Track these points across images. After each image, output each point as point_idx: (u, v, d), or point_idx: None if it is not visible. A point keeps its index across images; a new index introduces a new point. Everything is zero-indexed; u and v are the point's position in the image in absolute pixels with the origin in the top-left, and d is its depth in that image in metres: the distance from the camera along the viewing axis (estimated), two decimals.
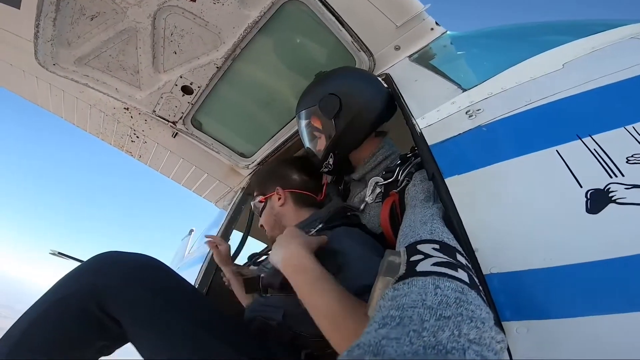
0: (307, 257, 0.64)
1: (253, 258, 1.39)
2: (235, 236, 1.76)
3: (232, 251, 1.70)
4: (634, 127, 0.58)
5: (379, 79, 1.11)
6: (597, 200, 0.54)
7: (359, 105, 0.98)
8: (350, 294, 0.58)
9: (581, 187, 0.57)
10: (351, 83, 1.02)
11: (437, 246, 0.47)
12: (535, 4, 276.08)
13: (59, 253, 2.37)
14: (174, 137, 1.68)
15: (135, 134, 1.67)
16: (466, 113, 0.79)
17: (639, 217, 0.50)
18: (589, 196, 0.55)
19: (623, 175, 0.55)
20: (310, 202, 1.08)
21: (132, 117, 1.55)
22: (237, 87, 1.41)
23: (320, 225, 0.88)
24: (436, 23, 1.08)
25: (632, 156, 0.56)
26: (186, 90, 1.39)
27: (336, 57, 1.20)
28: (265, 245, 1.72)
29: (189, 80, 1.34)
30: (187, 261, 2.22)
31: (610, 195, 0.54)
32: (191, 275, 1.62)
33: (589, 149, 0.59)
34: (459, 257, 0.45)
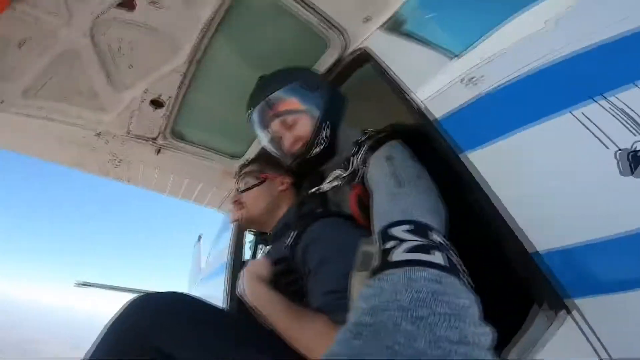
0: (261, 288, 0.73)
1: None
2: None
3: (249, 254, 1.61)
4: None
5: None
6: (628, 161, 0.48)
7: (328, 85, 0.97)
8: (292, 306, 0.67)
9: (608, 148, 0.50)
10: (306, 70, 1.02)
11: (409, 227, 0.44)
12: None
13: (85, 283, 2.32)
14: (158, 153, 1.52)
15: (116, 158, 1.51)
16: (464, 81, 0.71)
17: None
18: (618, 157, 0.49)
19: None
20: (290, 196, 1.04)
21: (107, 142, 1.38)
22: (210, 89, 1.26)
23: (294, 234, 0.81)
24: None
25: None
26: (156, 103, 1.23)
27: (306, 40, 1.07)
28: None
29: (156, 93, 1.18)
30: (207, 274, 2.16)
31: None
32: (217, 287, 1.57)
33: (605, 109, 0.52)
34: (433, 236, 0.42)
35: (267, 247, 1.10)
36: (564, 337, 0.45)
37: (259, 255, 1.59)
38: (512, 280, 0.62)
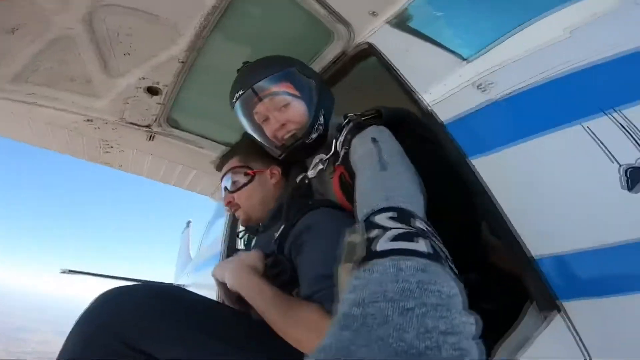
0: (252, 278, 0.68)
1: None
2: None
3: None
4: None
5: None
6: (635, 177, 0.49)
7: (319, 76, 0.95)
8: (282, 296, 0.64)
9: (613, 163, 0.51)
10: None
11: (392, 214, 0.43)
12: None
13: (70, 271, 2.21)
14: (151, 140, 1.46)
15: (107, 144, 1.44)
16: (477, 86, 0.70)
17: None
18: (622, 172, 0.50)
19: None
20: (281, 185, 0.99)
21: (97, 128, 1.32)
22: (209, 78, 1.20)
23: (282, 227, 0.78)
24: None
25: None
26: (152, 91, 1.17)
27: (311, 32, 1.04)
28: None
29: (153, 80, 1.12)
30: (199, 262, 2.12)
31: None
32: (210, 277, 1.58)
33: (615, 123, 0.53)
34: (417, 223, 0.41)
35: (254, 237, 1.08)
36: (551, 335, 0.49)
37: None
38: (504, 279, 0.67)
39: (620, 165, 0.50)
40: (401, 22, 0.95)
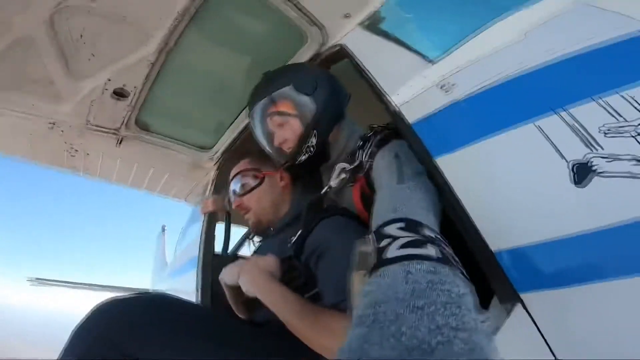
0: (273, 285, 0.68)
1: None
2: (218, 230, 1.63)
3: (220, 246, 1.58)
4: (601, 98, 0.55)
5: None
6: (581, 173, 0.53)
7: (331, 82, 0.91)
8: (307, 305, 0.65)
9: (562, 159, 0.54)
10: (311, 67, 0.98)
11: (401, 224, 0.44)
12: None
13: (39, 280, 2.06)
14: (120, 144, 1.41)
15: (72, 148, 1.38)
16: (441, 87, 0.72)
17: (619, 187, 0.50)
18: (570, 168, 0.54)
19: (602, 148, 0.52)
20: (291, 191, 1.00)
21: (62, 131, 1.26)
22: (180, 79, 1.19)
23: (299, 233, 0.79)
24: None
25: (603, 126, 0.53)
26: (120, 93, 1.13)
27: (284, 34, 1.04)
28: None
29: (120, 82, 1.08)
30: (176, 268, 2.06)
31: (592, 167, 0.52)
32: (186, 282, 1.51)
33: (564, 121, 0.56)
34: (426, 231, 0.42)
35: (258, 240, 1.07)
36: (512, 327, 0.51)
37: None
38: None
39: (568, 162, 0.54)
40: (373, 24, 0.97)
